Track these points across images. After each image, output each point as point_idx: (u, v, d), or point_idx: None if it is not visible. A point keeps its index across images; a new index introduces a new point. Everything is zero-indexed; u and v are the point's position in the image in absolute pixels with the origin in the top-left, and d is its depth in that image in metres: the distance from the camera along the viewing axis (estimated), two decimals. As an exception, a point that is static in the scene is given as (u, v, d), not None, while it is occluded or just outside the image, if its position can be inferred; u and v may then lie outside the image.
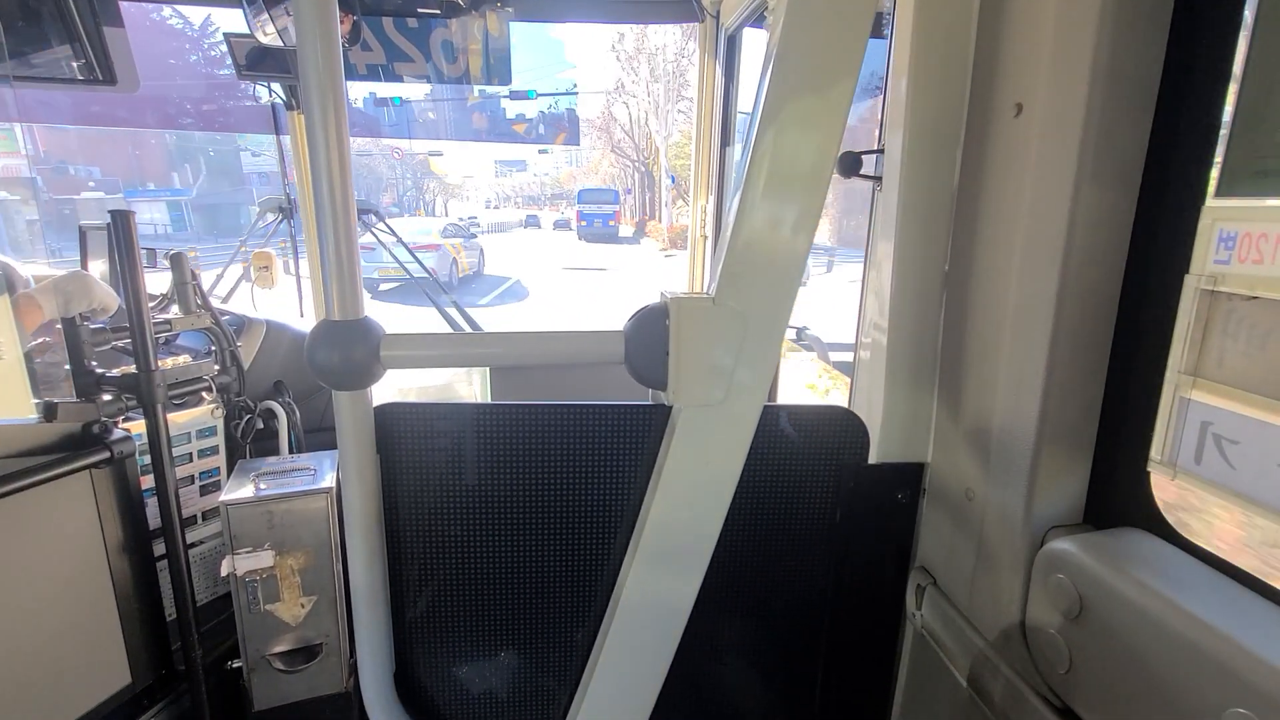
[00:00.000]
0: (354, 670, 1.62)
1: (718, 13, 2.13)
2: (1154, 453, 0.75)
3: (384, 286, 12.14)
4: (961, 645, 1.03)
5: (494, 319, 11.37)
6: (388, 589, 1.05)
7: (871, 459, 1.14)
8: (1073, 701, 0.83)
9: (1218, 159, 0.69)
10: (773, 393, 2.16)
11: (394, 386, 2.46)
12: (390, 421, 1.00)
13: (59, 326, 1.41)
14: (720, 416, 0.93)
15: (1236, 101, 0.67)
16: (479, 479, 1.04)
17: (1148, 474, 0.80)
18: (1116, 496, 0.86)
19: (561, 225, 40.78)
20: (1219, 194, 0.68)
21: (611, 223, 27.76)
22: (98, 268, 1.68)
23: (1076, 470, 0.88)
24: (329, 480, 1.60)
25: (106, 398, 1.41)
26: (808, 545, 1.16)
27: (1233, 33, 0.68)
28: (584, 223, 27.76)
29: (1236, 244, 0.65)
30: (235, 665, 1.57)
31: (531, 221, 43.91)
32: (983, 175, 0.96)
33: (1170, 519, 0.80)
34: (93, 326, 1.43)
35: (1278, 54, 0.64)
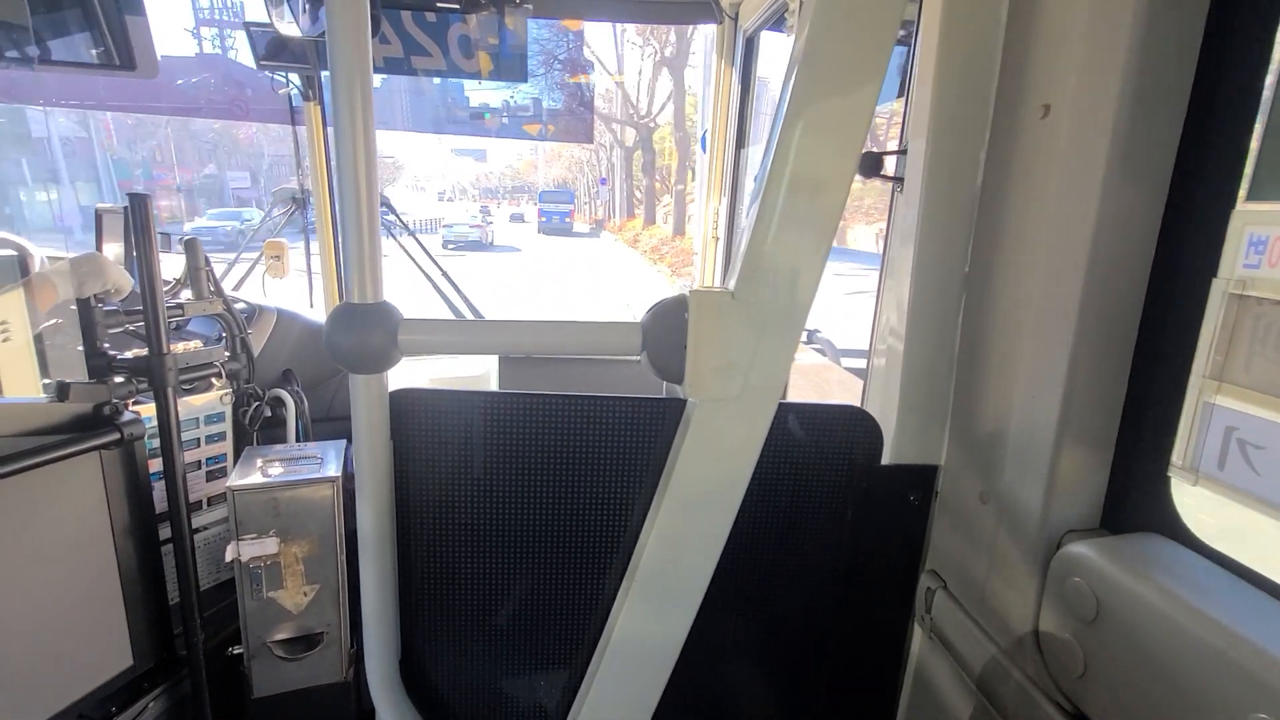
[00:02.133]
0: (354, 660, 1.61)
1: (736, 14, 2.14)
2: (1175, 457, 0.75)
3: (449, 247, 23.05)
4: (972, 649, 1.02)
5: (514, 260, 21.37)
6: (396, 576, 1.04)
7: (885, 460, 1.13)
8: (1086, 706, 0.82)
9: (1249, 162, 0.68)
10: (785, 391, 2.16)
11: (427, 376, 2.46)
12: (405, 407, 1.00)
13: (73, 308, 1.41)
14: (735, 412, 0.92)
15: (1270, 104, 0.66)
16: (492, 468, 1.04)
17: (1168, 479, 0.79)
18: (1136, 501, 0.85)
19: (516, 219, 42.07)
20: (1250, 198, 0.68)
21: (567, 219, 33.82)
22: (113, 250, 1.69)
23: (1095, 474, 0.88)
24: (335, 469, 1.60)
25: (118, 380, 1.41)
26: (818, 544, 1.16)
27: (1270, 34, 0.68)
28: (543, 219, 33.40)
29: (1267, 248, 0.65)
30: (236, 651, 1.56)
31: (483, 212, 43.11)
32: (1008, 176, 0.96)
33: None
34: (106, 309, 1.43)
35: (1313, 58, 0.63)
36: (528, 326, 0.94)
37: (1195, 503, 0.79)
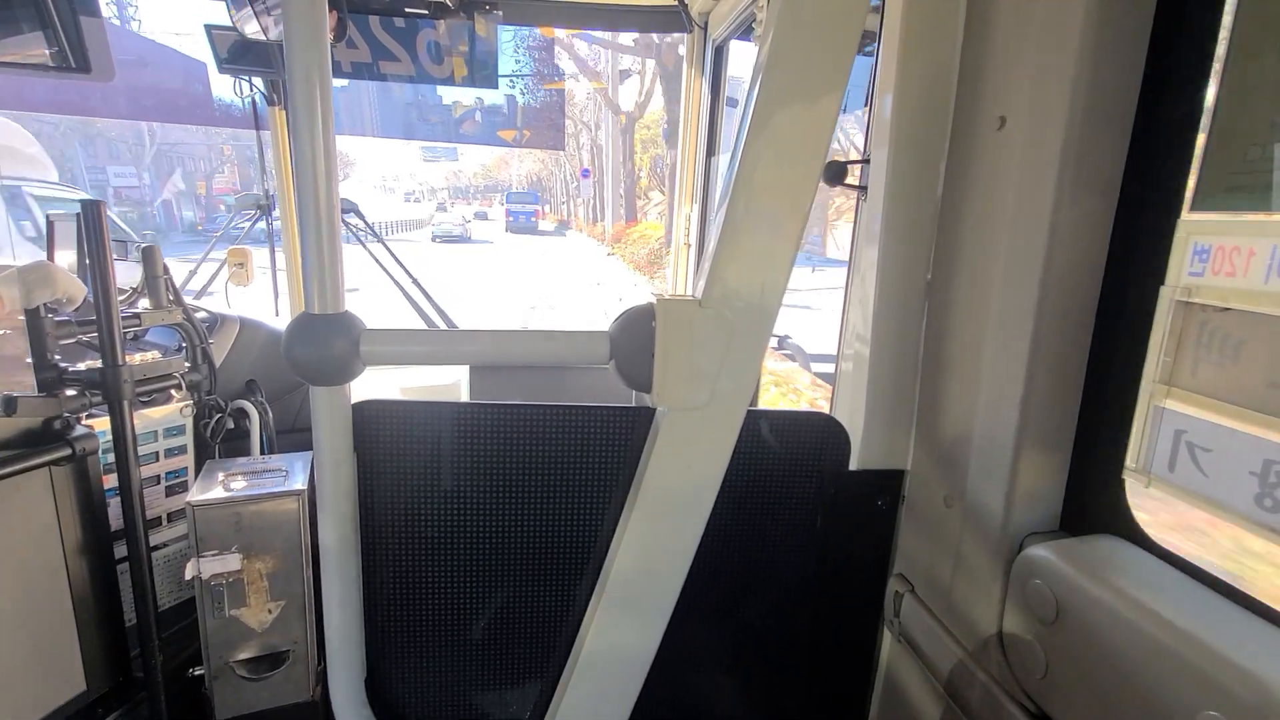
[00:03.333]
0: (321, 678, 1.57)
1: (706, 24, 2.15)
2: (1129, 460, 0.77)
3: (438, 240, 29.12)
4: (939, 652, 1.03)
5: (486, 250, 25.91)
6: (361, 591, 1.02)
7: (852, 465, 1.14)
8: (1049, 707, 0.84)
9: (1193, 174, 0.71)
10: (755, 399, 2.17)
11: (398, 385, 2.42)
12: (368, 419, 0.98)
13: (21, 319, 1.36)
14: (704, 420, 0.93)
15: (1211, 119, 0.69)
16: (458, 480, 1.03)
17: (1123, 481, 0.81)
18: (1093, 503, 0.87)
19: (480, 216, 44.34)
20: (1194, 208, 0.70)
21: (533, 219, 37.52)
22: (66, 259, 1.63)
23: (1054, 477, 0.90)
24: (301, 482, 1.56)
25: (70, 393, 1.36)
26: (788, 550, 1.16)
27: (1209, 52, 0.71)
28: (511, 218, 36.89)
29: (1210, 257, 0.67)
30: (197, 673, 1.51)
31: (440, 209, 43.54)
32: (966, 186, 0.98)
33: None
34: (57, 319, 1.38)
35: (1253, 73, 0.66)
36: (494, 336, 0.93)
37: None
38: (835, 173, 1.14)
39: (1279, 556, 0.75)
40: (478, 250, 26.29)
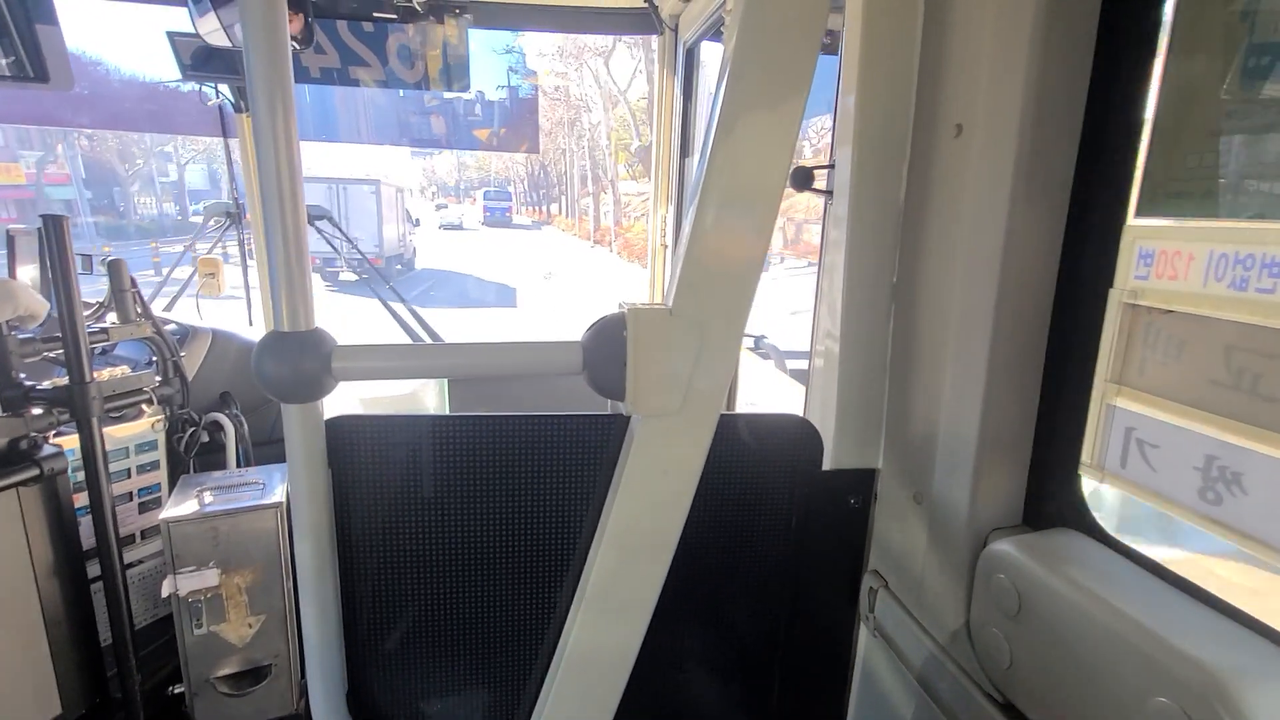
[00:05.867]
0: (305, 691, 1.57)
1: (676, 26, 2.16)
2: (1085, 456, 0.79)
3: (442, 228, 38.19)
4: (912, 646, 1.06)
5: (470, 237, 35.21)
6: (340, 607, 1.02)
7: (825, 465, 1.16)
8: (1014, 697, 0.87)
9: (1137, 181, 0.74)
10: (732, 402, 2.20)
11: (363, 397, 2.40)
12: (342, 434, 0.98)
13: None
14: (678, 425, 0.94)
15: (1153, 127, 0.72)
16: (435, 492, 1.03)
17: (1079, 477, 0.84)
18: (1052, 499, 0.90)
19: (442, 207, 48.04)
20: (1138, 214, 0.73)
21: (506, 214, 42.01)
22: (28, 274, 1.60)
23: (1016, 474, 0.93)
24: (279, 494, 1.55)
25: (36, 411, 1.34)
26: (765, 551, 1.18)
27: (1150, 63, 0.73)
28: (488, 213, 41.08)
29: (1154, 261, 0.70)
30: (176, 690, 1.50)
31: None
32: (927, 192, 1.00)
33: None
34: (20, 336, 1.36)
35: (1190, 85, 0.69)
36: (464, 349, 0.93)
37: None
38: (802, 178, 1.16)
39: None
40: (468, 234, 35.99)
